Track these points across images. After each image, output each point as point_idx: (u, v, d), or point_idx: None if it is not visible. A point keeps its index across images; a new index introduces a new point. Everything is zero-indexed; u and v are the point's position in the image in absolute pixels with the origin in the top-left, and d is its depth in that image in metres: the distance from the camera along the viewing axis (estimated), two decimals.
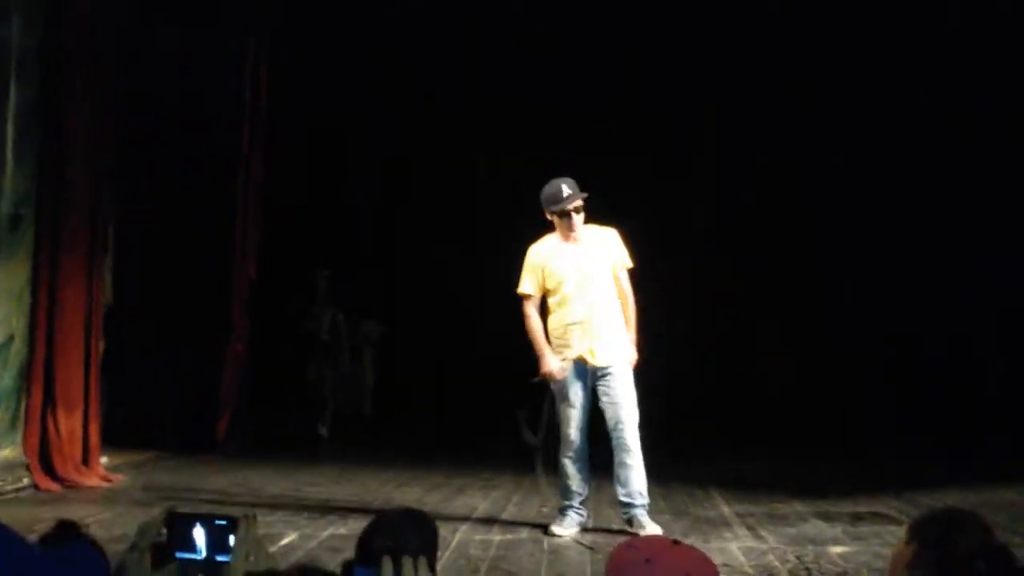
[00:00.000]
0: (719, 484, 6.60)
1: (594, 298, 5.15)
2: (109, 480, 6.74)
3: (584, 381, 5.13)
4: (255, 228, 8.93)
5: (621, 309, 5.21)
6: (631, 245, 5.32)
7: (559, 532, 5.05)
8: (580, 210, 5.18)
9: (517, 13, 9.88)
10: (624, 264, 5.27)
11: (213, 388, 8.47)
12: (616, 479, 5.11)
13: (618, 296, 5.22)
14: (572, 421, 5.11)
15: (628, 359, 5.16)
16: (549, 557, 4.63)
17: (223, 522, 1.79)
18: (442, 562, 4.27)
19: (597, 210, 5.32)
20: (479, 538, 4.97)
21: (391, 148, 10.67)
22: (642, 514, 5.06)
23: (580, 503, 5.16)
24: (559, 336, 5.16)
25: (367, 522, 2.31)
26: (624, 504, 5.10)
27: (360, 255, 10.60)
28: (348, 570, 1.91)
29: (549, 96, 9.98)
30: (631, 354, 5.19)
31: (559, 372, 5.09)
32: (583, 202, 5.18)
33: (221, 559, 1.76)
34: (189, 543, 1.77)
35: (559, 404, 5.18)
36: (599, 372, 5.11)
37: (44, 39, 6.43)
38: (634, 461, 5.07)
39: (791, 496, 6.17)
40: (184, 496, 6.04)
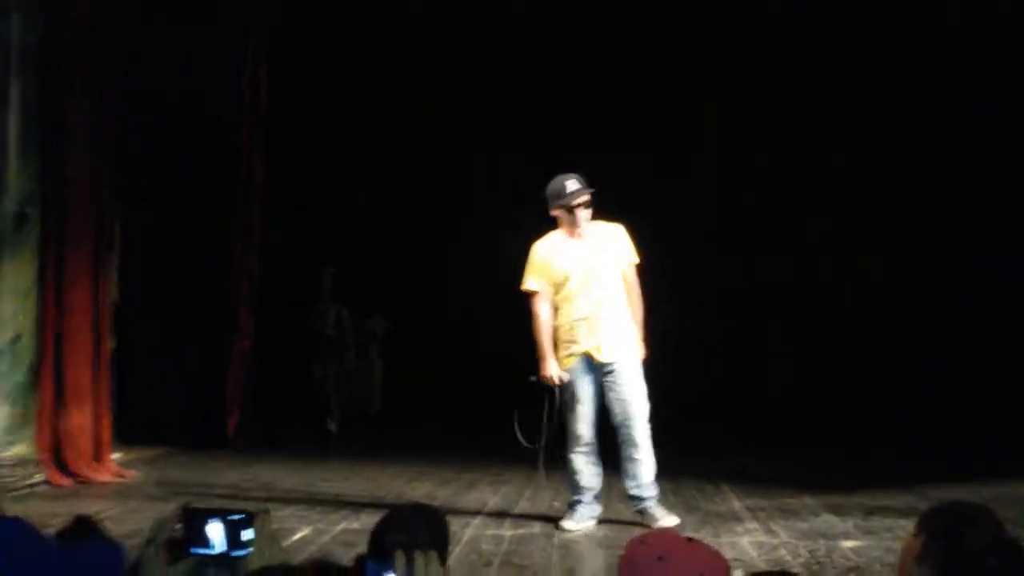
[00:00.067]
0: (730, 479, 6.59)
1: (600, 294, 5.14)
2: (121, 476, 6.76)
3: (591, 377, 5.12)
4: (257, 227, 8.95)
5: (628, 305, 5.20)
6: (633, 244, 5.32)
7: (570, 527, 5.05)
8: (588, 205, 5.16)
9: (517, 13, 9.88)
10: (631, 260, 5.26)
11: (222, 385, 8.50)
12: (625, 473, 5.11)
13: (625, 292, 5.21)
14: (580, 416, 5.11)
15: (635, 354, 5.16)
16: (560, 552, 4.63)
17: (238, 517, 1.79)
18: (453, 557, 4.27)
19: (598, 208, 5.32)
20: (490, 533, 4.97)
21: (391, 148, 10.66)
22: (653, 506, 5.09)
23: (593, 498, 5.15)
24: (567, 332, 5.15)
25: (379, 517, 2.32)
26: (635, 497, 5.12)
27: (362, 253, 10.60)
28: (360, 565, 1.91)
29: (549, 96, 9.98)
30: (639, 349, 5.19)
31: (557, 379, 5.09)
32: (590, 197, 5.17)
33: (236, 554, 1.77)
34: (204, 538, 1.77)
35: (567, 400, 5.16)
36: (606, 368, 5.10)
37: (44, 37, 6.42)
38: (642, 455, 5.08)
39: (801, 490, 6.16)
40: (196, 491, 6.06)
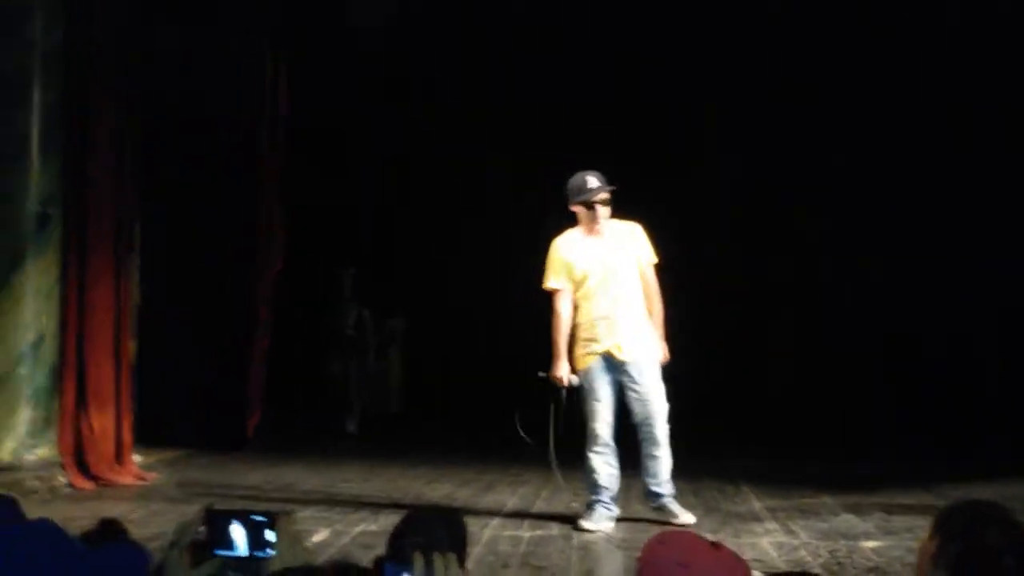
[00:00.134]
0: (749, 479, 6.57)
1: (618, 292, 5.14)
2: (143, 478, 6.79)
3: (611, 376, 5.13)
4: (279, 226, 8.98)
5: (647, 304, 5.21)
6: None
7: (588, 527, 5.05)
8: (607, 203, 5.17)
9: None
10: (649, 260, 5.27)
11: (242, 386, 8.53)
12: (645, 471, 5.15)
13: (643, 291, 5.21)
14: (598, 416, 5.11)
15: (654, 354, 5.16)
16: (579, 553, 4.63)
17: (261, 518, 1.80)
18: (472, 558, 4.28)
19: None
20: (509, 534, 4.98)
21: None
22: (671, 502, 5.17)
23: (610, 498, 5.16)
24: (586, 331, 5.16)
25: (398, 518, 2.33)
26: (655, 494, 5.18)
27: (379, 253, 10.63)
28: (379, 566, 1.92)
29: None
30: (659, 349, 5.19)
31: (566, 380, 5.12)
32: (610, 195, 5.17)
33: (260, 555, 1.77)
34: (228, 540, 1.78)
35: (586, 398, 5.17)
36: (626, 367, 5.11)
37: (66, 38, 6.46)
38: (662, 453, 5.14)
39: (821, 491, 6.13)
40: (218, 493, 6.09)
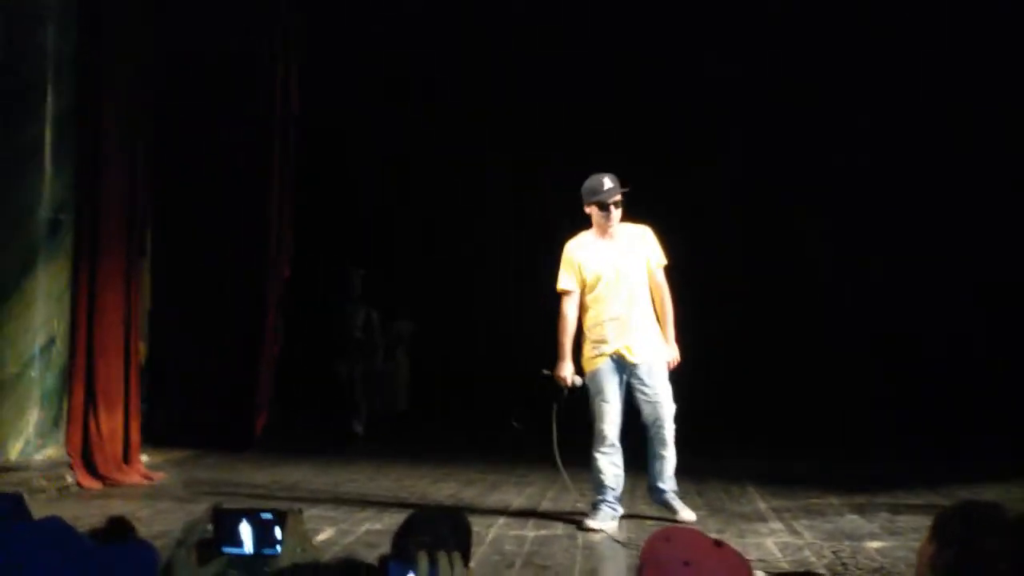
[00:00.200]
0: (754, 479, 6.58)
1: (629, 294, 5.20)
2: (150, 478, 6.84)
3: (620, 377, 5.17)
4: (289, 228, 9.02)
5: (657, 307, 5.25)
6: None
7: (593, 526, 5.08)
8: (619, 205, 5.21)
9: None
10: (659, 262, 5.31)
11: (250, 388, 8.56)
12: (650, 469, 5.26)
13: (652, 293, 5.26)
14: (606, 416, 5.15)
15: (663, 356, 5.22)
16: (584, 553, 4.65)
17: (269, 516, 1.81)
18: (477, 557, 4.31)
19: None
20: (513, 533, 5.00)
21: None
22: (673, 498, 5.28)
23: (615, 498, 5.19)
24: (596, 332, 5.20)
25: (403, 518, 2.35)
26: (658, 490, 5.28)
27: (385, 253, 10.66)
28: (384, 565, 1.94)
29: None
30: (671, 351, 5.22)
31: (568, 380, 5.19)
32: (622, 197, 5.21)
33: (268, 553, 1.79)
34: (236, 538, 1.79)
35: (593, 399, 5.20)
36: (636, 369, 5.15)
37: (78, 45, 6.52)
38: (669, 454, 5.24)
39: (826, 491, 6.14)
40: (225, 492, 6.12)
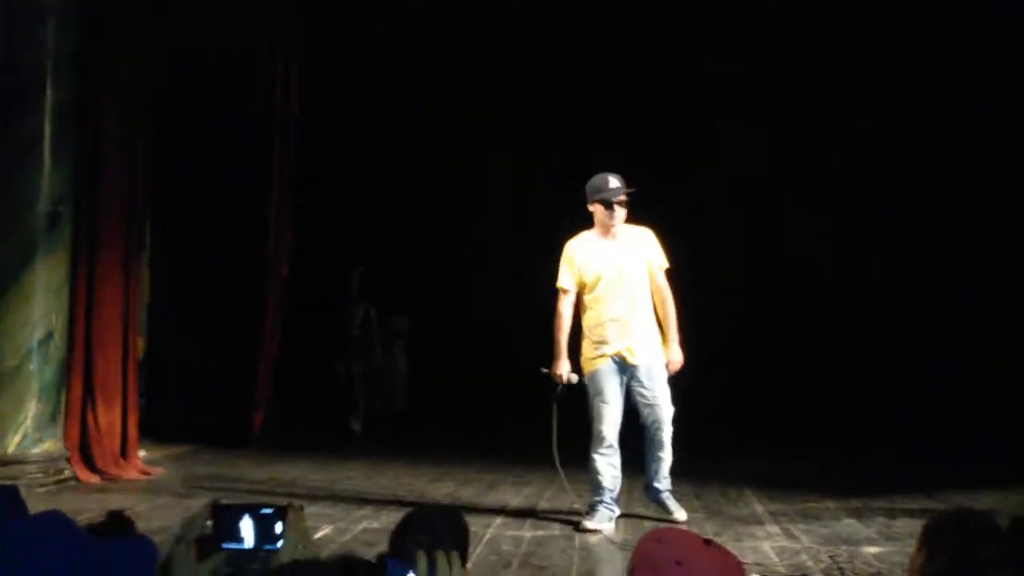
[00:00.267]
0: (752, 483, 6.58)
1: (630, 296, 5.20)
2: (147, 473, 6.84)
3: (621, 378, 5.17)
4: (288, 227, 9.02)
5: (660, 310, 5.26)
6: None
7: (590, 527, 5.08)
8: (624, 205, 5.21)
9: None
10: (661, 265, 5.31)
11: (248, 384, 8.57)
12: (647, 469, 5.28)
13: (654, 297, 5.26)
14: (605, 417, 5.15)
15: (663, 358, 5.22)
16: (580, 553, 4.65)
17: (269, 511, 1.81)
18: (474, 557, 4.31)
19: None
20: (511, 534, 5.00)
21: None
22: (668, 498, 5.32)
23: (612, 498, 5.19)
24: (596, 333, 5.20)
25: (400, 516, 2.35)
26: (654, 489, 5.31)
27: (383, 251, 10.67)
28: (381, 563, 1.94)
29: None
30: (675, 355, 5.22)
31: (564, 378, 5.20)
32: (627, 198, 5.21)
33: (268, 548, 1.78)
34: (235, 534, 1.79)
35: (592, 400, 5.20)
36: (636, 371, 5.16)
37: (79, 43, 6.53)
38: (665, 455, 5.26)
39: (824, 495, 6.14)
40: (222, 488, 6.13)
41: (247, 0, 8.58)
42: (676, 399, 5.27)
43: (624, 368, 5.16)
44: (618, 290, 5.18)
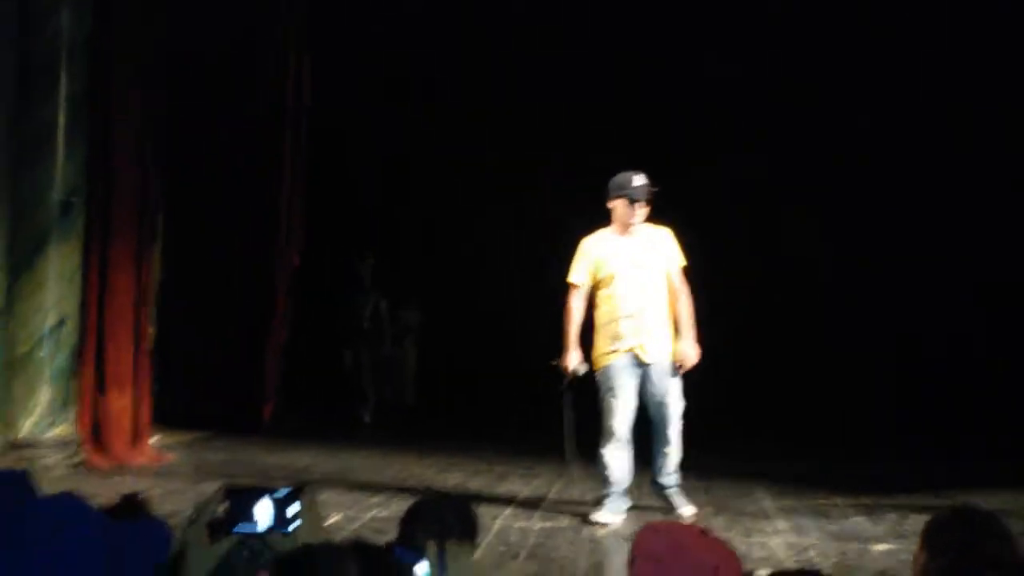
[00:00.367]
0: (761, 479, 6.57)
1: (645, 293, 5.22)
2: (158, 459, 6.88)
3: (633, 374, 5.18)
4: (298, 216, 9.04)
5: (677, 308, 5.27)
6: None
7: (599, 520, 5.10)
8: (647, 203, 5.21)
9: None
10: (679, 262, 5.32)
11: (258, 373, 8.60)
12: (655, 463, 5.29)
13: (670, 294, 5.27)
14: (616, 413, 5.15)
15: (673, 355, 5.23)
16: (589, 546, 4.66)
17: (283, 494, 1.82)
18: (482, 548, 4.32)
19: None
20: (519, 525, 5.01)
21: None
22: (674, 492, 5.31)
23: (622, 492, 5.21)
24: (610, 329, 5.21)
25: (409, 505, 2.36)
26: (661, 485, 5.30)
27: (394, 243, 10.68)
28: (390, 551, 1.95)
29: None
30: (692, 351, 5.22)
31: (572, 370, 5.21)
32: (651, 197, 5.21)
33: (282, 531, 1.80)
34: (248, 517, 1.80)
35: (604, 395, 5.21)
36: (648, 368, 5.17)
37: (93, 31, 6.54)
38: (672, 451, 5.26)
39: (833, 492, 6.13)
40: (233, 474, 6.15)
41: None
42: (688, 395, 5.27)
43: (637, 364, 5.17)
44: (633, 287, 5.19)
